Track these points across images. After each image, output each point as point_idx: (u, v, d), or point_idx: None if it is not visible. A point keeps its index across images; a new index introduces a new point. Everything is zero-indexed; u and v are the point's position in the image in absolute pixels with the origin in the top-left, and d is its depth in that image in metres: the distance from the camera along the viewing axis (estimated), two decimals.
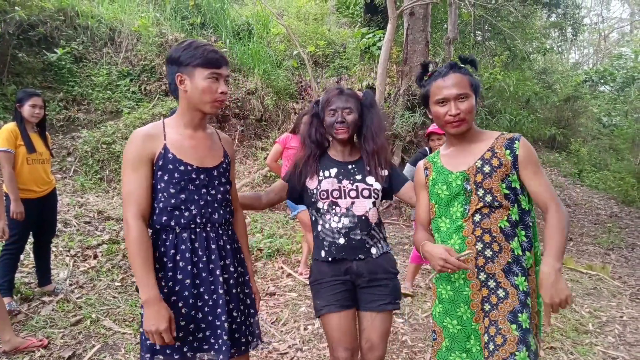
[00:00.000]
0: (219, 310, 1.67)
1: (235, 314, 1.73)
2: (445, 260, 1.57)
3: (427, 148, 4.22)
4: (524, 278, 1.65)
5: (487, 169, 1.68)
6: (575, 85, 14.29)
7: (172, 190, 1.63)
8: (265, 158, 5.94)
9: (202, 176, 1.68)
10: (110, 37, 8.28)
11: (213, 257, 1.68)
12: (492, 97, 7.95)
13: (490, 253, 1.65)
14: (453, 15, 8.66)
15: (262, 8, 10.45)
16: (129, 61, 8.17)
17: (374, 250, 1.99)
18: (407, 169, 4.22)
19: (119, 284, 3.98)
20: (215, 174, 1.72)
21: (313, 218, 2.10)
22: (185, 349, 1.62)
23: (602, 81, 15.49)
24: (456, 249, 1.67)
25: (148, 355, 1.61)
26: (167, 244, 1.64)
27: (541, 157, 13.62)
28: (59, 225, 4.54)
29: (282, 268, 4.65)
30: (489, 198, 1.66)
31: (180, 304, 1.62)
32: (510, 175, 1.66)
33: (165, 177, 1.63)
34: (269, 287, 4.23)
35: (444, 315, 1.76)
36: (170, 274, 1.63)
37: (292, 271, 4.55)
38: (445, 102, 1.68)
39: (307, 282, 4.26)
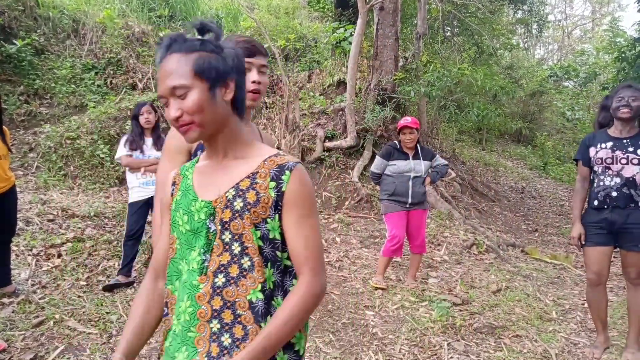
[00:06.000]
0: None
1: None
2: None
3: (397, 142, 4.27)
4: None
5: (238, 204, 1.11)
6: (541, 80, 14.73)
7: None
8: None
9: None
10: (73, 29, 8.00)
11: None
12: (460, 91, 8.09)
13: (230, 340, 1.06)
14: (422, 11, 8.76)
15: (232, 0, 10.29)
16: (94, 54, 7.92)
17: None
18: (377, 162, 4.26)
19: (84, 283, 3.87)
20: None
21: (591, 177, 3.09)
22: None
23: (566, 76, 16.06)
24: (186, 320, 1.10)
25: None
26: None
27: (508, 150, 13.98)
28: (20, 224, 4.37)
29: None
30: (237, 248, 1.10)
31: None
32: (269, 220, 1.11)
33: None
34: None
35: None
36: None
37: None
38: (166, 102, 1.11)
39: None
